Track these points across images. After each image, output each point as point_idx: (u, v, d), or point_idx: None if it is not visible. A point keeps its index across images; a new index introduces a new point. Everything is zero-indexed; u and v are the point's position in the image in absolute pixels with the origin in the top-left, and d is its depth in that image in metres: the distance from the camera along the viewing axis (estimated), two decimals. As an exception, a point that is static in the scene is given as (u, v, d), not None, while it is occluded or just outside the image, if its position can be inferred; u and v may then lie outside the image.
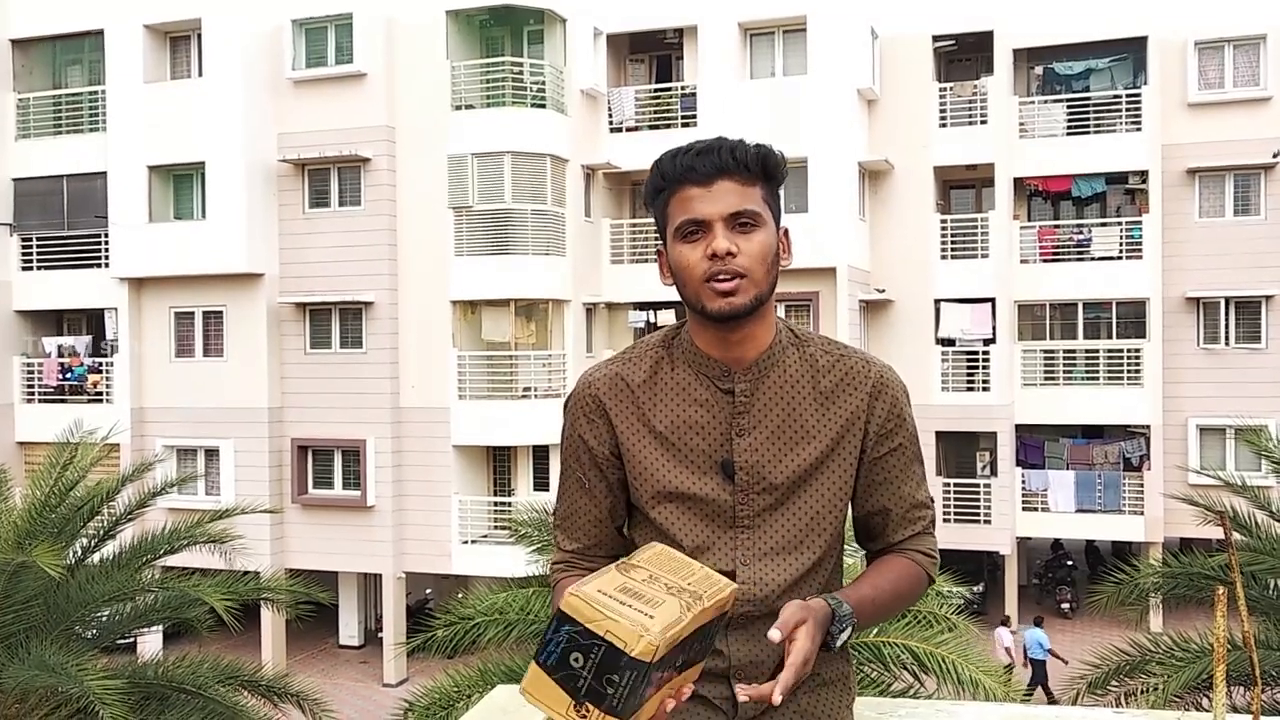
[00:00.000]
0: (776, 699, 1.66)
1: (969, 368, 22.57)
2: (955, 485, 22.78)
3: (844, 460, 1.95)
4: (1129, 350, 22.56)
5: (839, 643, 1.81)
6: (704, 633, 1.65)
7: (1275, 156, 21.98)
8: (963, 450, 23.73)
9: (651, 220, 2.02)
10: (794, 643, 1.70)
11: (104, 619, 10.58)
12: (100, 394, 21.68)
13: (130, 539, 11.06)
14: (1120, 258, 22.67)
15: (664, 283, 1.97)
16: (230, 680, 10.25)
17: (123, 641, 12.08)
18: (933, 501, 2.08)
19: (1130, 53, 23.09)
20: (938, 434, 22.41)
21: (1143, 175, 22.76)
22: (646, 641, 1.49)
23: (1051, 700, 16.81)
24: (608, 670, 1.50)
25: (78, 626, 10.19)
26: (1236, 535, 9.69)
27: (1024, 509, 23.02)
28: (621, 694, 1.50)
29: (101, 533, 10.78)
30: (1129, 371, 22.56)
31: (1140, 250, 22.48)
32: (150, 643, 18.23)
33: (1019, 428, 23.18)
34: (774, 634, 1.70)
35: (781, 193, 1.96)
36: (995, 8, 22.46)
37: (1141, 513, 22.21)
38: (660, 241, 1.96)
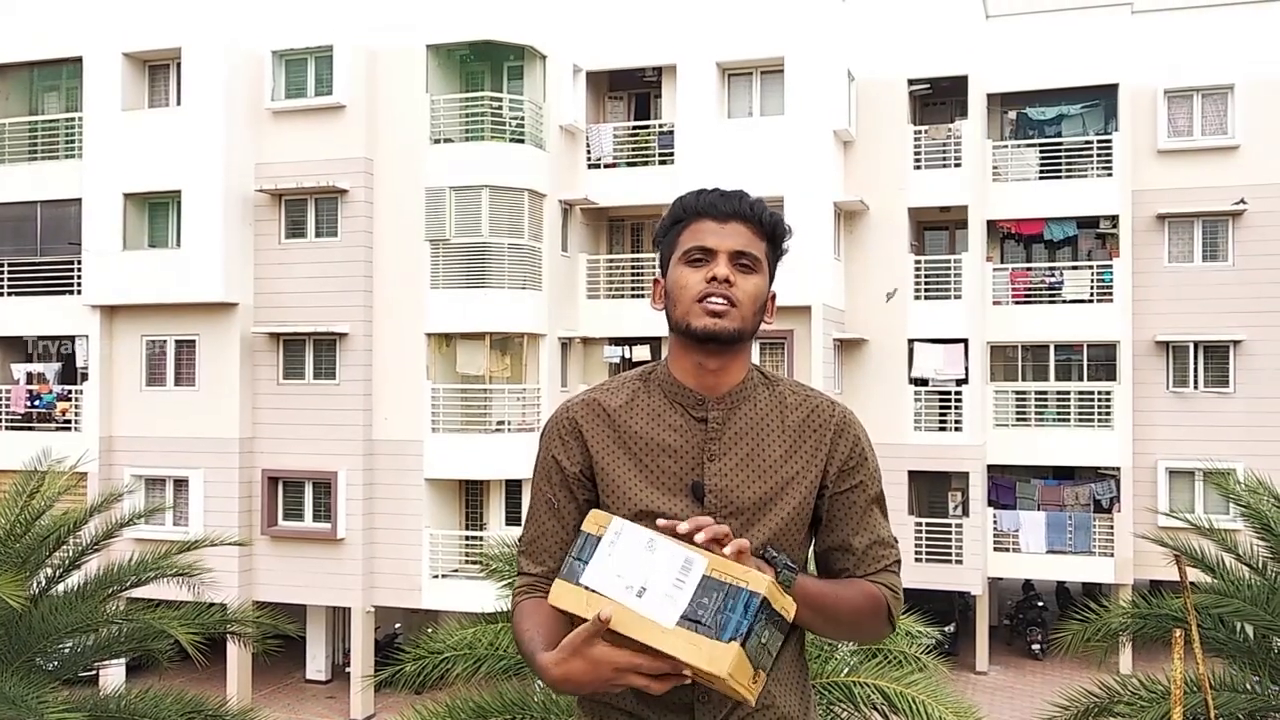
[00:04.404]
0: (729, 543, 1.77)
1: (941, 408, 22.70)
2: (927, 525, 22.82)
3: (806, 490, 2.03)
4: (1099, 392, 22.76)
5: (780, 576, 1.86)
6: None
7: (1240, 204, 22.36)
8: (935, 490, 23.81)
9: (626, 256, 2.11)
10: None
11: (66, 651, 10.43)
12: (69, 422, 21.45)
13: (96, 570, 10.92)
14: (1091, 301, 22.93)
15: (654, 307, 2.10)
16: (194, 714, 10.12)
17: (85, 674, 11.89)
18: (897, 542, 2.13)
19: (1102, 99, 23.48)
20: (910, 473, 22.49)
21: (1113, 220, 23.07)
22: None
23: None
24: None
25: (39, 658, 10.04)
26: (1204, 578, 9.75)
27: (995, 549, 23.10)
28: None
29: (67, 563, 10.65)
30: (1099, 413, 22.75)
31: (1111, 294, 22.76)
32: (113, 675, 17.96)
33: (991, 468, 23.30)
34: (683, 527, 1.78)
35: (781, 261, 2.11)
36: (970, 53, 22.82)
37: (1111, 554, 22.32)
38: (659, 271, 2.11)
